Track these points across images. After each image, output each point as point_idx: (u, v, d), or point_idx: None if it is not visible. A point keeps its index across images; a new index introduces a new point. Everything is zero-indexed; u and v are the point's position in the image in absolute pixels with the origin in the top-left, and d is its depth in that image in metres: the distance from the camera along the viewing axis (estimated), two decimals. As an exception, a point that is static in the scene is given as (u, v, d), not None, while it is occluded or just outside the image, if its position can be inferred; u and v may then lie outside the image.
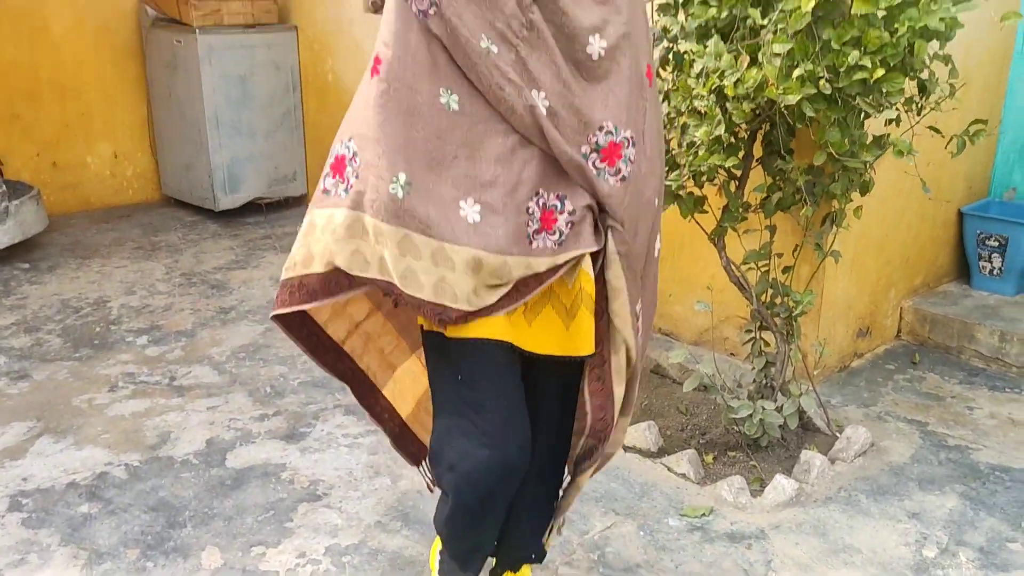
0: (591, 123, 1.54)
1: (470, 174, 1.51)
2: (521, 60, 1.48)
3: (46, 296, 3.95)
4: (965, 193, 3.52)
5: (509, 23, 1.47)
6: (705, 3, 2.31)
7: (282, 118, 5.21)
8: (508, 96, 1.48)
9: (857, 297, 3.19)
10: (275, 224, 5.10)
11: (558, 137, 1.51)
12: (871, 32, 2.03)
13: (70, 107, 5.13)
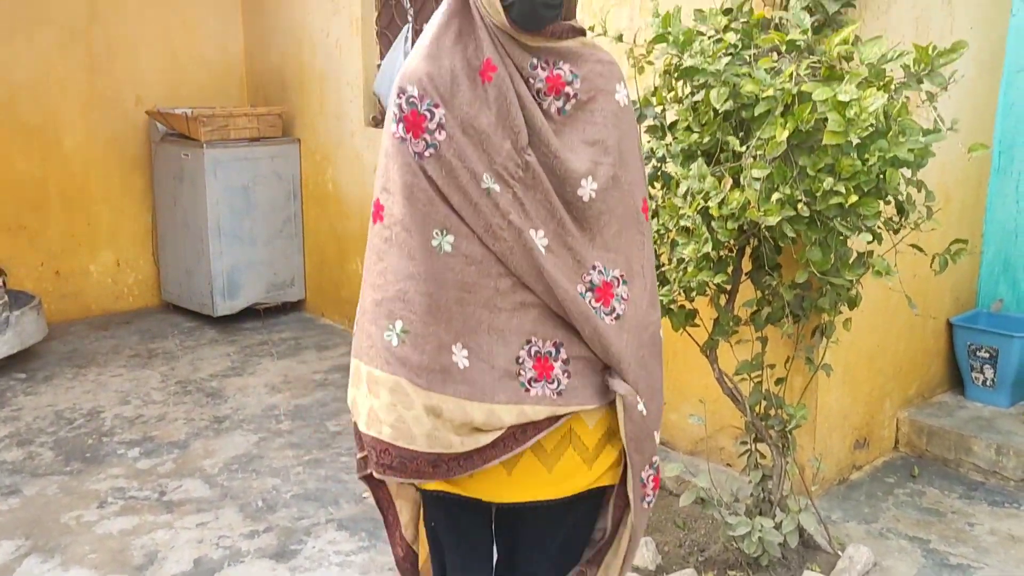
0: (584, 262, 1.57)
1: (460, 318, 1.53)
2: (519, 200, 1.52)
3: (40, 407, 3.95)
4: (953, 304, 3.56)
5: (506, 164, 1.52)
6: (689, 129, 2.39)
7: (282, 225, 5.31)
8: (506, 237, 1.50)
9: (852, 408, 3.19)
10: (272, 330, 5.13)
11: (557, 276, 1.52)
12: (844, 160, 2.10)
13: (76, 218, 5.23)
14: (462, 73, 1.53)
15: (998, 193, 3.53)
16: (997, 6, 3.35)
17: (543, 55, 1.55)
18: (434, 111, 1.51)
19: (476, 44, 1.53)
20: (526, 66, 1.54)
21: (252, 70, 5.63)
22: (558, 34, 1.55)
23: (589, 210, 1.57)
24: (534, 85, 1.55)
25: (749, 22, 2.43)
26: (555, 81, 1.55)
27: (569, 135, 1.57)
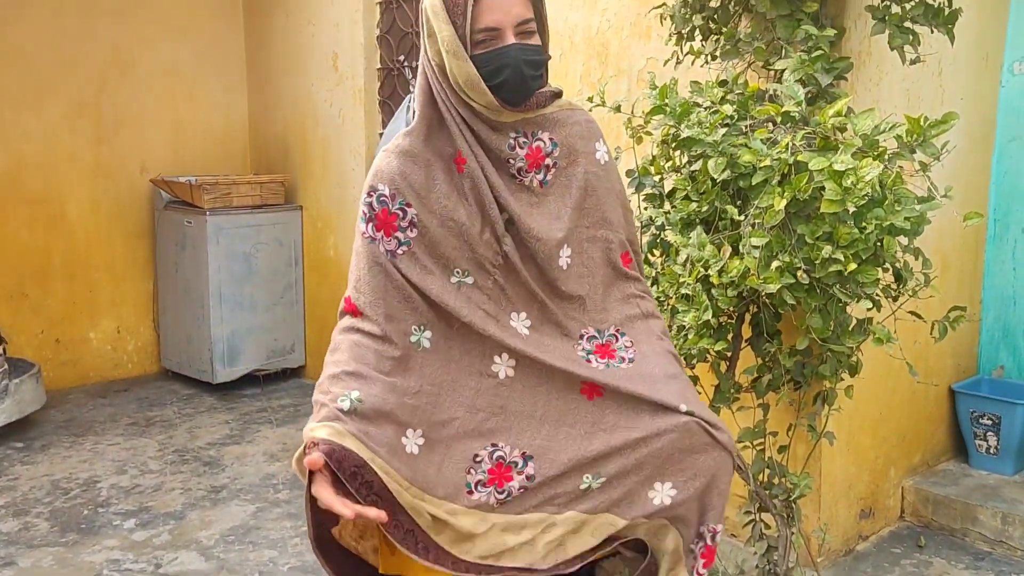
0: (572, 334, 1.57)
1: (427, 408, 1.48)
2: (499, 286, 1.53)
3: (37, 477, 3.91)
4: (954, 370, 3.55)
5: (485, 254, 1.54)
6: (687, 198, 2.42)
7: (283, 291, 5.33)
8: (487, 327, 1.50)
9: (857, 477, 3.16)
10: (271, 396, 5.11)
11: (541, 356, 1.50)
12: (841, 228, 2.13)
13: (78, 286, 5.25)
14: (437, 166, 1.54)
15: (995, 260, 3.56)
16: (986, 78, 3.42)
17: (521, 128, 1.55)
18: (406, 209, 1.51)
19: (447, 135, 1.54)
20: (503, 148, 1.54)
21: (256, 138, 5.71)
22: (539, 104, 1.56)
23: (570, 278, 1.58)
24: (514, 165, 1.56)
25: (744, 94, 2.48)
26: (535, 155, 1.56)
27: (552, 203, 1.58)
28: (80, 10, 5.07)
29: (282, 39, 5.33)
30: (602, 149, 1.66)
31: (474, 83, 1.46)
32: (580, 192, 1.60)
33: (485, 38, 1.46)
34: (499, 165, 1.55)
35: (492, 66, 1.46)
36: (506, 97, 1.49)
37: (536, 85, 1.52)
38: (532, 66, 1.49)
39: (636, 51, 3.34)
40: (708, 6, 2.76)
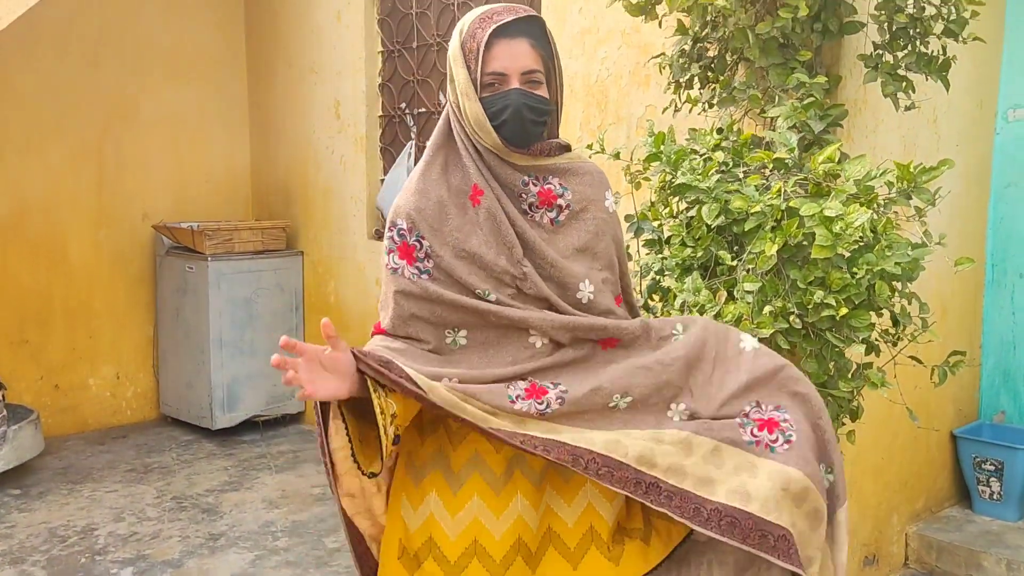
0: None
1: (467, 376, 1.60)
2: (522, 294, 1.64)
3: (34, 524, 3.88)
4: (955, 415, 3.54)
5: (502, 276, 1.63)
6: (683, 243, 2.44)
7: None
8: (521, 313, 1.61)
9: (860, 523, 3.13)
10: (270, 442, 5.08)
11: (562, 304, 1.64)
12: (833, 273, 2.14)
13: (79, 331, 5.26)
14: (450, 202, 1.65)
15: (993, 305, 3.57)
16: (981, 125, 3.46)
17: (533, 172, 1.67)
18: (422, 241, 1.64)
19: (463, 173, 1.65)
20: (517, 183, 1.65)
21: (258, 185, 5.76)
22: (545, 152, 1.67)
23: (590, 311, 1.68)
24: (526, 200, 1.67)
25: (738, 141, 2.51)
26: (546, 195, 1.68)
27: (561, 243, 1.68)
28: (85, 57, 5.15)
29: (284, 87, 5.41)
30: (610, 199, 1.78)
31: (481, 122, 1.60)
32: (592, 236, 1.71)
33: (493, 81, 1.60)
34: (513, 199, 1.66)
35: (496, 107, 1.59)
36: (508, 137, 1.61)
37: (537, 130, 1.63)
38: (533, 111, 1.60)
39: (635, 99, 3.39)
40: (705, 55, 2.80)
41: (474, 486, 1.63)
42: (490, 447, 1.63)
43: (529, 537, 1.62)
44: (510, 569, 1.59)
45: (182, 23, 5.47)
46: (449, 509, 1.62)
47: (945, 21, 2.55)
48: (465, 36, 1.62)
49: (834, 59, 2.80)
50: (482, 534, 1.60)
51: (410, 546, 1.64)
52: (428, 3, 4.51)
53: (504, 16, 1.60)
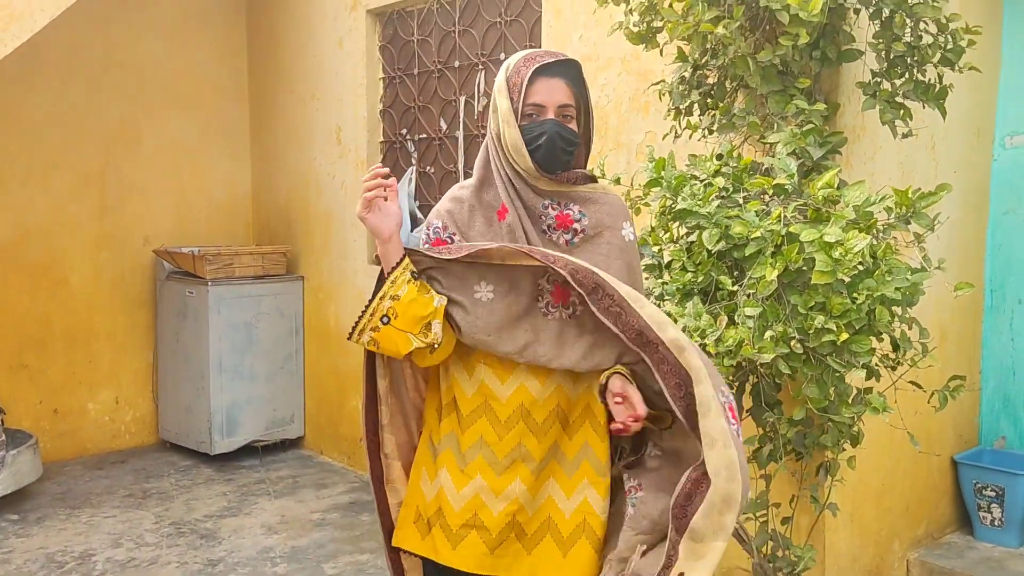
0: None
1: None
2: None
3: (31, 550, 3.86)
4: (955, 441, 3.54)
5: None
6: (683, 268, 2.45)
7: (283, 362, 5.33)
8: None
9: (861, 549, 3.12)
10: (270, 467, 5.06)
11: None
12: (834, 298, 2.15)
13: (78, 356, 5.26)
14: (480, 213, 1.90)
15: (992, 330, 3.58)
16: (979, 152, 3.49)
17: (556, 198, 1.87)
18: (453, 238, 1.91)
19: (495, 192, 1.88)
20: (537, 206, 1.86)
21: (259, 210, 5.79)
22: (571, 180, 1.87)
23: None
24: (544, 221, 1.87)
25: (738, 167, 2.54)
26: (564, 219, 1.87)
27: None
28: (88, 84, 5.19)
29: (286, 113, 5.45)
30: (628, 229, 1.94)
31: (518, 146, 1.81)
32: (604, 259, 1.88)
33: (532, 112, 1.82)
34: (534, 220, 1.87)
35: (533, 134, 1.81)
36: (540, 162, 1.81)
37: (566, 159, 1.84)
38: (564, 141, 1.82)
39: (635, 125, 3.42)
40: (705, 82, 2.83)
41: (478, 466, 1.88)
42: (495, 435, 1.87)
43: (524, 519, 1.88)
44: (503, 544, 1.87)
45: (184, 50, 5.52)
46: (456, 484, 1.89)
47: (942, 50, 2.59)
48: (511, 72, 1.85)
49: (832, 86, 2.83)
50: (482, 510, 1.87)
51: (424, 513, 1.94)
52: (429, 30, 4.55)
53: (546, 58, 1.85)
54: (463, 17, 4.36)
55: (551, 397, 1.87)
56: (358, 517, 4.26)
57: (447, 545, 1.89)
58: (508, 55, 4.10)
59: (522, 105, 1.82)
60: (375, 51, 4.85)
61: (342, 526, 4.14)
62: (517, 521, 1.87)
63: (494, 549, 1.87)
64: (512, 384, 1.87)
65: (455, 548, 1.88)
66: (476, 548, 1.87)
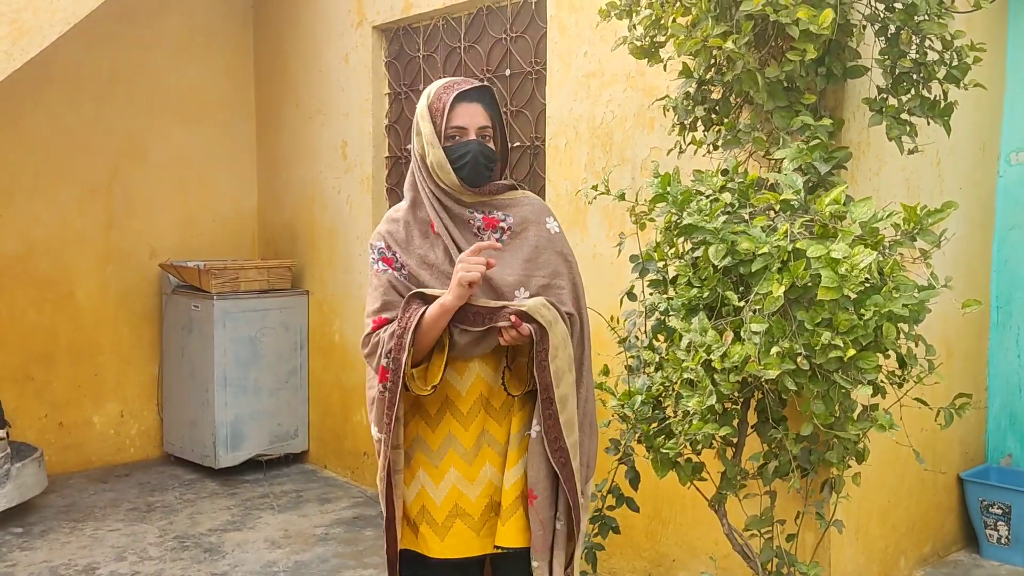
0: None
1: None
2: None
3: (35, 564, 3.85)
4: (961, 458, 3.52)
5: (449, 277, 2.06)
6: (689, 284, 2.45)
7: (288, 376, 5.33)
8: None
9: (867, 567, 3.10)
10: (274, 481, 5.06)
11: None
12: (840, 315, 2.15)
13: (84, 369, 5.27)
14: (415, 228, 2.14)
15: (999, 347, 3.57)
16: (984, 168, 3.49)
17: (480, 207, 2.12)
18: (396, 254, 2.14)
19: (424, 210, 2.13)
20: (465, 212, 2.11)
21: (264, 224, 5.80)
22: (492, 191, 2.13)
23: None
24: (474, 225, 2.12)
25: (744, 183, 2.54)
26: (491, 221, 2.13)
27: (509, 257, 2.10)
28: (95, 99, 5.22)
29: (292, 128, 5.47)
30: (552, 222, 2.21)
31: (443, 166, 2.05)
32: (532, 250, 2.13)
33: (454, 134, 2.07)
34: (463, 227, 2.11)
35: (458, 154, 2.05)
36: (465, 177, 2.06)
37: (487, 174, 2.10)
38: (486, 159, 2.09)
39: (640, 141, 3.43)
40: (710, 98, 2.84)
41: (450, 460, 2.12)
42: (461, 428, 2.12)
43: (499, 497, 2.13)
44: (486, 525, 2.13)
45: (191, 65, 5.56)
46: (434, 480, 2.13)
47: (948, 67, 2.59)
48: (432, 99, 2.09)
49: (838, 102, 2.84)
50: (461, 499, 2.12)
51: (410, 514, 2.15)
52: (435, 46, 4.58)
53: (464, 85, 2.09)
54: (468, 33, 4.38)
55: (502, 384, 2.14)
56: (362, 532, 4.24)
57: (435, 539, 2.12)
58: (513, 71, 4.12)
59: (445, 128, 2.06)
60: (381, 67, 4.88)
61: (346, 541, 4.13)
62: (494, 501, 2.14)
63: (479, 531, 2.12)
64: (469, 377, 2.12)
65: (443, 540, 2.11)
66: (463, 535, 2.11)
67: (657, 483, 2.71)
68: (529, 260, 2.12)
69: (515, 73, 4.13)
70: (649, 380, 2.66)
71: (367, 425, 4.97)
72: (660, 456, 2.56)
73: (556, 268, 2.15)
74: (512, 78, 4.14)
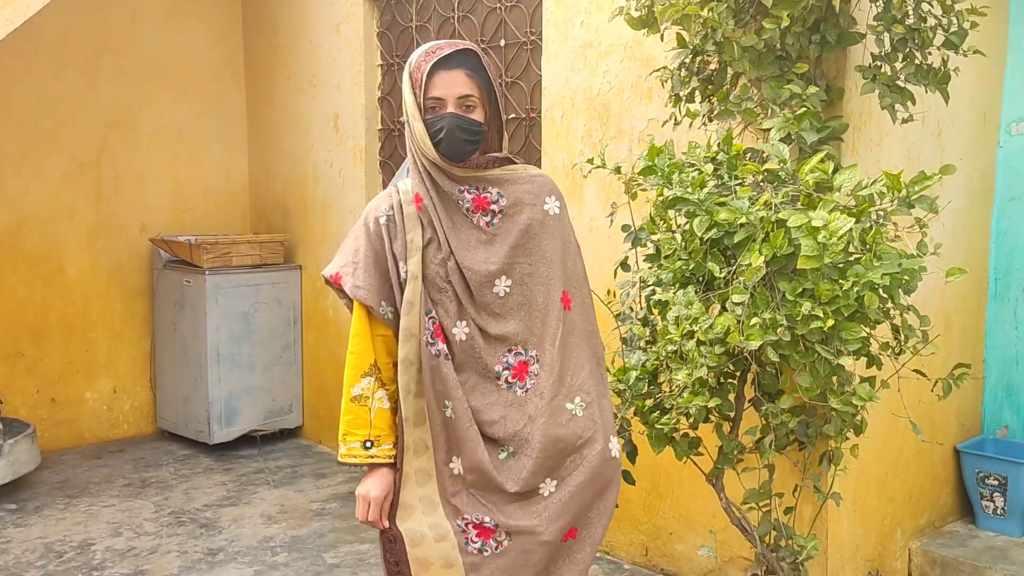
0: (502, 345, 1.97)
1: None
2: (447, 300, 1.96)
3: (30, 540, 3.84)
4: (958, 430, 3.52)
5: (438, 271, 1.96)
6: (676, 256, 2.42)
7: (281, 351, 5.30)
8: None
9: (864, 538, 3.11)
10: (268, 457, 5.05)
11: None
12: (822, 285, 2.12)
13: (75, 344, 5.23)
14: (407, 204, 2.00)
15: (996, 319, 3.55)
16: (985, 138, 3.46)
17: (472, 183, 1.97)
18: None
19: (415, 181, 1.98)
20: (454, 191, 1.96)
21: (256, 198, 5.75)
22: (483, 165, 1.97)
23: (507, 302, 1.97)
24: (462, 206, 1.96)
25: (731, 154, 2.50)
26: (481, 201, 1.97)
27: (498, 241, 1.97)
28: (83, 71, 5.14)
29: (283, 100, 5.40)
30: (552, 203, 2.03)
31: (424, 138, 1.92)
32: (520, 235, 1.98)
33: (433, 105, 1.92)
34: (450, 205, 1.97)
35: (434, 128, 1.91)
36: (444, 152, 1.92)
37: (470, 148, 1.94)
38: (465, 132, 1.91)
39: (637, 112, 3.38)
40: (706, 68, 2.80)
41: None
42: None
43: None
44: None
45: (180, 36, 5.47)
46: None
47: (946, 33, 2.55)
48: (413, 67, 1.94)
49: (839, 71, 2.80)
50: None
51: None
52: (428, 16, 4.51)
53: (445, 49, 1.93)
54: (462, 2, 4.31)
55: None
56: (358, 506, 4.24)
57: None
58: (508, 41, 4.06)
59: (424, 99, 1.91)
60: (373, 37, 4.81)
61: (342, 516, 4.13)
62: None
63: None
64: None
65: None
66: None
67: (654, 457, 2.70)
68: (516, 246, 1.97)
69: (510, 43, 4.07)
70: (644, 355, 2.64)
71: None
72: (655, 432, 2.55)
73: (546, 255, 2.00)
74: (507, 48, 4.08)
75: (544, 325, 1.98)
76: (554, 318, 1.99)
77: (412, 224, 1.97)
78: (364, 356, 1.98)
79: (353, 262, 1.99)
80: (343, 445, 2.01)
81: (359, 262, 1.98)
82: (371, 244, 1.99)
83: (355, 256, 1.99)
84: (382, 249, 1.98)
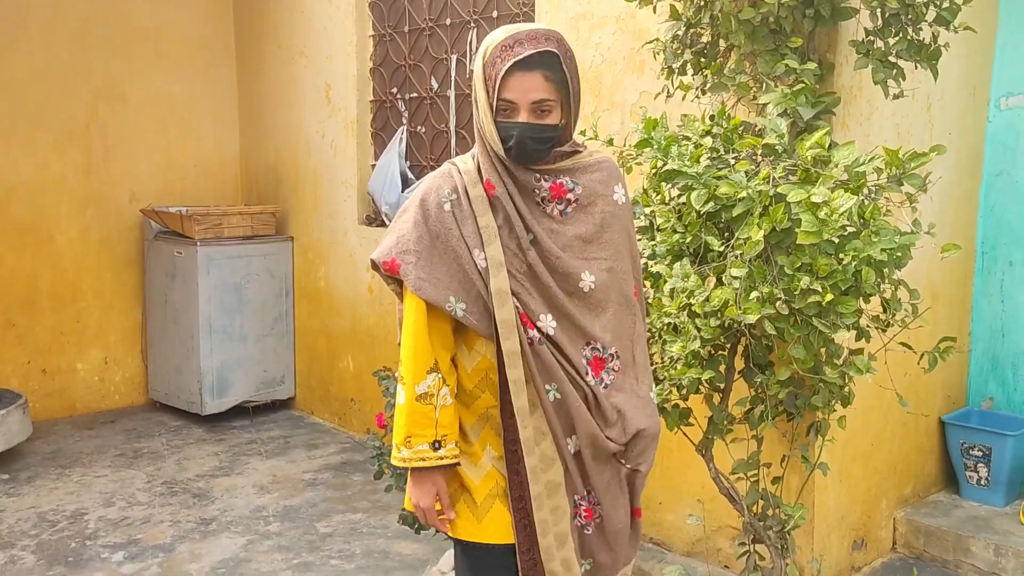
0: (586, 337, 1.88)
1: None
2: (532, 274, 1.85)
3: (23, 509, 3.86)
4: (944, 402, 3.57)
5: (512, 261, 1.85)
6: (673, 230, 2.44)
7: (273, 323, 5.31)
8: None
9: (849, 508, 3.16)
10: (260, 428, 5.07)
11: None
12: (820, 259, 2.15)
13: (66, 315, 5.22)
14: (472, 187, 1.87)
15: (983, 292, 3.59)
16: (974, 113, 3.48)
17: (548, 173, 1.87)
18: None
19: (485, 167, 1.87)
20: (530, 180, 1.86)
21: (247, 169, 5.73)
22: (557, 159, 1.88)
23: (590, 298, 1.89)
24: (538, 195, 1.87)
25: (728, 127, 2.51)
26: (557, 189, 1.87)
27: (570, 232, 1.88)
28: (72, 41, 5.09)
29: (274, 70, 5.37)
30: (620, 192, 1.95)
31: (495, 140, 1.82)
32: (597, 228, 1.90)
33: (505, 107, 1.80)
34: (525, 194, 1.86)
35: (505, 134, 1.81)
36: (515, 158, 1.83)
37: (541, 154, 1.84)
38: (537, 141, 1.81)
39: (629, 85, 3.38)
40: (699, 41, 2.80)
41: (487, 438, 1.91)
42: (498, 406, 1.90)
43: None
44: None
45: (170, 6, 5.42)
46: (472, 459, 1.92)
47: (937, 8, 2.55)
48: (487, 61, 1.81)
49: (830, 46, 2.80)
50: (501, 479, 1.90)
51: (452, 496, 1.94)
52: (420, -13, 4.48)
53: (526, 47, 1.78)
54: (454, -27, 4.28)
55: None
56: (350, 477, 4.28)
57: (472, 520, 1.90)
58: (501, 13, 4.04)
59: (496, 100, 1.79)
60: (365, 7, 4.77)
61: (334, 486, 4.16)
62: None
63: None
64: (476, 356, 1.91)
65: (480, 522, 1.89)
66: (502, 518, 1.89)
67: (644, 428, 2.72)
68: (591, 240, 1.88)
69: (503, 14, 4.05)
70: (637, 327, 2.66)
71: (353, 372, 4.99)
72: (647, 402, 2.57)
73: (618, 247, 1.92)
74: (499, 19, 4.06)
75: (621, 321, 1.92)
76: (630, 313, 1.94)
77: (482, 208, 1.84)
78: (425, 351, 1.84)
79: (415, 251, 1.83)
80: (405, 448, 1.85)
81: (421, 252, 1.83)
82: (432, 230, 1.84)
83: (418, 244, 1.84)
84: (447, 236, 1.83)
